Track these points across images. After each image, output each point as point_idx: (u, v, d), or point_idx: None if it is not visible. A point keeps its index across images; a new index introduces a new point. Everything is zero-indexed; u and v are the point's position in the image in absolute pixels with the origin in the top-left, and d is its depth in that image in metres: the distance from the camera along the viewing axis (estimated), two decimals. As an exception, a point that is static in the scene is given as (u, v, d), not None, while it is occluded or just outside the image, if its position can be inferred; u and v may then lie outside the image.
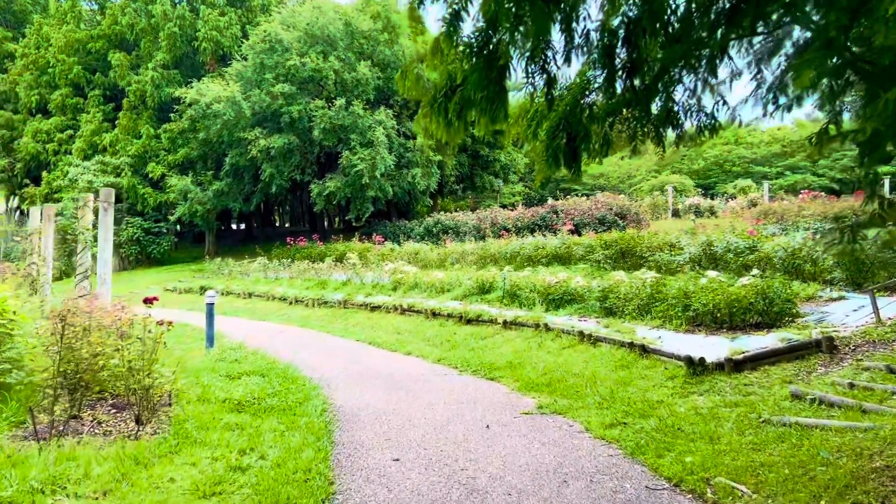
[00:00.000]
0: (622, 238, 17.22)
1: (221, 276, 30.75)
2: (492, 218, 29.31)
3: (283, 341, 15.13)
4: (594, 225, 24.61)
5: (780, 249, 12.77)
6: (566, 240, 19.72)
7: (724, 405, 7.38)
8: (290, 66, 32.60)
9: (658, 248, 16.28)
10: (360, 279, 21.38)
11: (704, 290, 10.30)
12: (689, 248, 15.01)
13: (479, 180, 42.18)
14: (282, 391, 9.04)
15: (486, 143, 40.71)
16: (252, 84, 33.65)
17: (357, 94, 33.33)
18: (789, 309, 9.74)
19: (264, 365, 11.27)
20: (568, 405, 8.15)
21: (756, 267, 13.14)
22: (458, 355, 11.94)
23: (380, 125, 31.97)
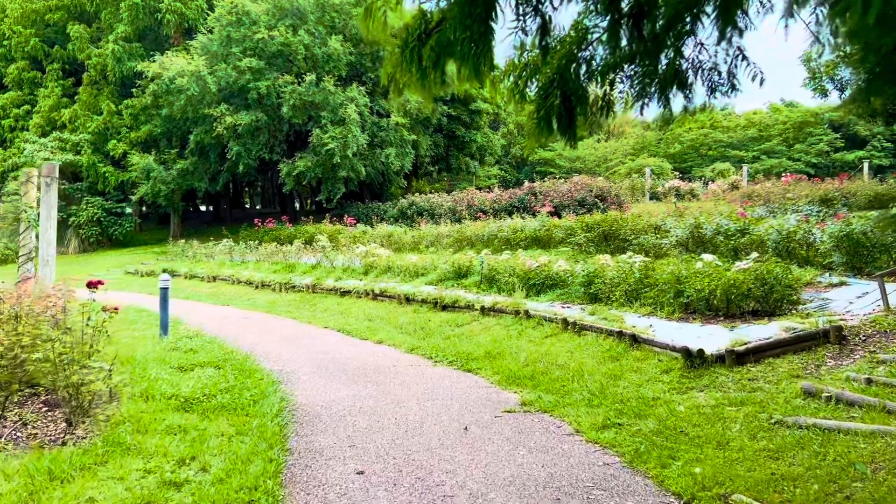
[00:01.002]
0: (604, 220, 16.50)
1: (186, 258, 29.60)
2: (468, 200, 28.44)
3: (245, 328, 14.21)
4: (574, 207, 23.89)
5: (774, 232, 12.12)
6: (546, 222, 18.97)
7: (729, 403, 6.66)
8: (257, 40, 31.32)
9: (642, 231, 15.59)
10: (331, 262, 20.47)
11: (699, 275, 9.58)
12: (676, 230, 14.32)
13: (455, 161, 41.26)
14: (236, 386, 8.16)
15: (462, 123, 39.77)
16: (218, 58, 32.30)
17: (328, 69, 32.16)
18: (790, 296, 9.07)
19: (221, 355, 10.38)
20: (554, 402, 7.39)
21: (747, 251, 12.49)
22: (433, 344, 11.14)
23: (352, 102, 30.88)
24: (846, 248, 10.76)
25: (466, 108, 39.23)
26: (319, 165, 30.86)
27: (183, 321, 14.86)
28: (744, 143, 65.78)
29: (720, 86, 5.47)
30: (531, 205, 25.19)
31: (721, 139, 66.55)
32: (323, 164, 30.75)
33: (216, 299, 20.33)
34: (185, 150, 34.77)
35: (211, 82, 30.95)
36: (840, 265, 10.96)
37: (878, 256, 10.57)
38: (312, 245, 23.59)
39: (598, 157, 63.75)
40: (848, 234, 10.57)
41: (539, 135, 5.29)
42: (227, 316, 16.46)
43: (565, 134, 5.25)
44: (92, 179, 37.74)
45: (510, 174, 62.45)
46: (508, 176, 61.14)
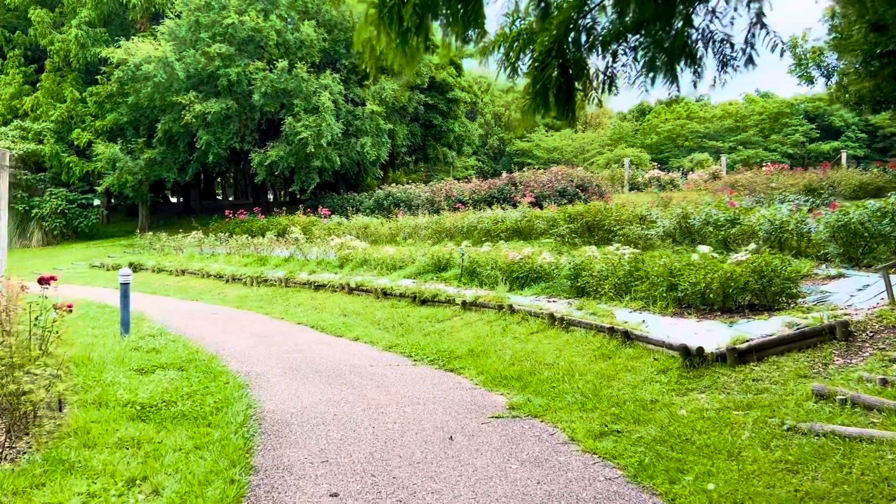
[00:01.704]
0: (588, 211, 16.02)
1: (153, 251, 28.68)
2: (446, 190, 27.84)
3: (213, 325, 13.55)
4: (555, 198, 23.40)
5: (766, 222, 11.70)
6: (527, 213, 18.46)
7: (735, 407, 6.18)
8: (227, 25, 30.38)
9: (627, 222, 15.14)
10: (304, 255, 19.80)
11: (693, 267, 9.11)
12: (663, 221, 13.88)
13: (433, 151, 40.58)
14: (199, 391, 7.53)
15: (439, 112, 39.06)
16: (186, 44, 31.29)
17: (301, 56, 31.31)
18: (789, 289, 8.62)
19: (185, 355, 9.74)
20: (545, 405, 6.87)
21: (738, 241, 12.09)
22: (413, 341, 10.60)
23: (326, 90, 30.10)
24: (843, 238, 10.36)
25: (444, 97, 38.57)
26: (292, 155, 30.06)
27: (147, 318, 14.16)
28: (720, 134, 66.01)
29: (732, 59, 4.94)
30: (511, 195, 24.67)
31: (698, 130, 66.70)
32: (296, 154, 29.96)
33: (184, 294, 19.59)
34: (153, 140, 33.69)
35: (179, 69, 29.97)
36: (836, 256, 10.57)
37: (875, 247, 10.18)
38: (285, 237, 22.88)
39: (575, 147, 63.42)
40: (845, 223, 10.16)
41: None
42: (195, 312, 15.77)
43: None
44: (56, 170, 36.52)
45: (488, 165, 61.96)
46: (486, 167, 60.63)
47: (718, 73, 5.00)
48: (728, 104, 74.62)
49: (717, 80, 5.14)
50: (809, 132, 64.65)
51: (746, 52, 4.66)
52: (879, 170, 21.37)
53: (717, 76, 5.09)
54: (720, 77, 5.15)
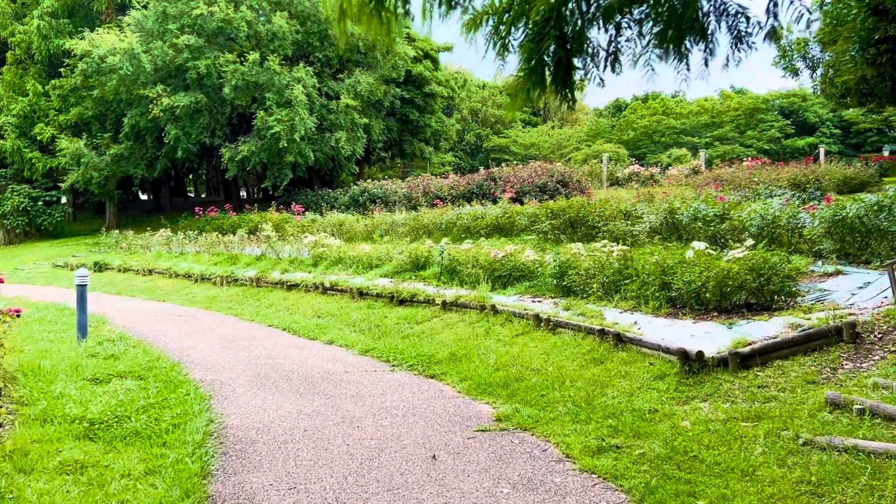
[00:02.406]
0: (570, 206, 15.54)
1: (120, 250, 27.77)
2: (424, 186, 27.23)
3: (179, 328, 12.87)
4: (535, 193, 22.93)
5: (757, 217, 11.28)
6: (508, 209, 17.94)
7: (742, 417, 5.70)
8: (196, 16, 29.46)
9: (611, 218, 14.68)
10: (276, 254, 19.11)
11: (686, 265, 8.64)
12: (649, 216, 13.43)
13: (409, 147, 39.93)
14: (157, 404, 6.90)
15: (416, 107, 38.42)
16: (153, 35, 30.32)
17: (273, 48, 30.49)
18: (788, 287, 8.18)
19: (146, 362, 9.09)
20: (534, 416, 6.35)
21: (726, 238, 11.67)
22: (390, 345, 10.03)
23: (299, 83, 29.32)
24: (839, 233, 9.96)
25: (420, 91, 37.94)
26: (265, 150, 29.28)
27: (108, 321, 13.43)
28: (696, 130, 66.16)
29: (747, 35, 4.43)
30: (490, 191, 24.14)
31: (674, 126, 66.77)
32: (268, 149, 29.18)
33: (151, 294, 18.83)
34: (120, 135, 32.65)
35: (145, 61, 29.01)
36: (831, 252, 10.17)
37: (872, 243, 9.79)
38: (257, 235, 22.16)
39: (552, 143, 63.22)
40: (842, 218, 9.76)
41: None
42: (160, 313, 15.05)
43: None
44: (17, 166, 35.32)
45: (465, 161, 61.51)
46: (463, 163, 60.17)
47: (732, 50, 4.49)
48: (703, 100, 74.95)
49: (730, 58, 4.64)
50: (785, 128, 65.18)
51: (768, 23, 4.16)
52: (862, 164, 21.18)
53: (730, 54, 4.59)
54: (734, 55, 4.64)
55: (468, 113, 63.68)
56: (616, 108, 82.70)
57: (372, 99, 33.81)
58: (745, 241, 11.21)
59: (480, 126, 65.45)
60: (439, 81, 39.45)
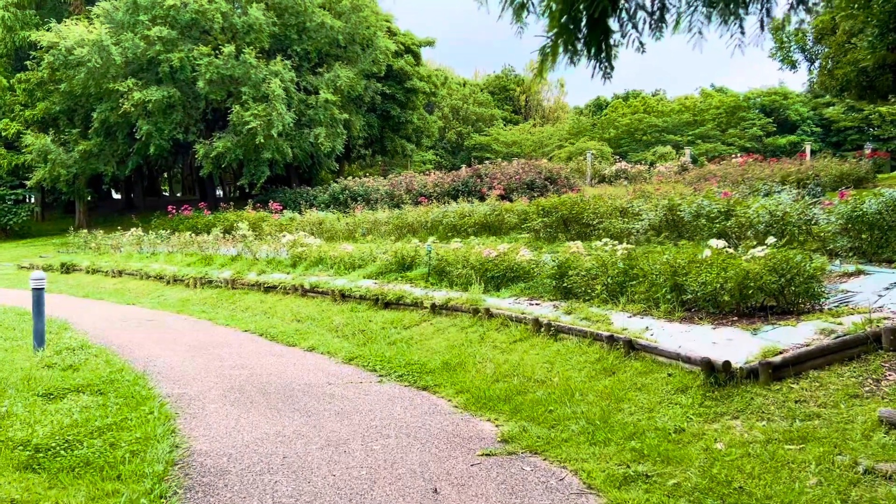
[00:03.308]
0: (563, 203, 14.86)
1: (89, 250, 26.71)
2: (407, 183, 26.43)
3: (148, 333, 12.01)
4: (523, 190, 22.26)
5: (766, 214, 10.67)
6: (497, 206, 17.22)
7: (784, 438, 5.03)
8: (168, 7, 28.46)
9: (607, 215, 14.04)
10: (253, 254, 18.24)
11: (699, 264, 7.96)
12: (648, 213, 12.78)
13: (391, 144, 39.08)
14: (115, 425, 6.09)
15: (397, 102, 37.61)
16: (124, 27, 29.25)
17: (249, 41, 29.56)
18: (812, 289, 7.52)
19: (107, 374, 8.26)
20: (545, 437, 5.64)
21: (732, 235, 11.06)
22: (376, 352, 9.28)
23: (276, 77, 28.41)
24: (856, 230, 9.35)
25: (402, 87, 37.13)
26: (241, 146, 28.34)
27: (71, 327, 12.56)
28: (678, 128, 66.02)
29: None
30: (477, 188, 23.43)
31: (656, 124, 66.59)
32: (244, 145, 28.25)
33: (120, 297, 17.90)
34: (89, 131, 31.53)
35: (116, 53, 27.95)
36: (849, 251, 9.56)
37: (893, 241, 9.19)
38: (233, 234, 21.26)
39: (534, 141, 62.78)
40: (862, 214, 9.16)
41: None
42: (129, 318, 14.16)
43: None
44: (-19, 163, 34.10)
45: (446, 160, 60.85)
46: (444, 161, 59.50)
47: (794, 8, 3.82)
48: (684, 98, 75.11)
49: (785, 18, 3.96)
50: (766, 126, 65.36)
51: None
52: (856, 160, 20.76)
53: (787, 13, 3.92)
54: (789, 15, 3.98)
55: (449, 111, 63.06)
56: (597, 107, 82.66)
57: (352, 94, 32.97)
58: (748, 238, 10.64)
59: (461, 124, 64.85)
60: (421, 77, 38.66)
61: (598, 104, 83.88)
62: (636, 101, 75.58)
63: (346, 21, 31.60)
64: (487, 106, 68.74)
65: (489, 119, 67.74)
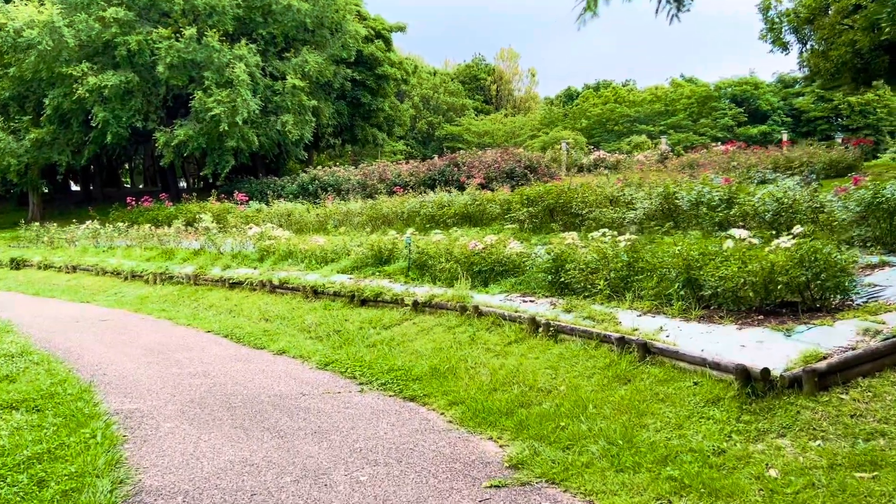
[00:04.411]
0: (549, 192, 14.06)
1: (42, 244, 25.34)
2: (380, 173, 25.42)
3: (100, 336, 10.98)
4: (503, 179, 21.42)
5: (772, 201, 9.98)
6: (477, 196, 16.35)
7: (848, 463, 4.27)
8: (126, -13, 27.10)
9: (596, 204, 13.27)
10: (217, 247, 17.17)
11: (720, 257, 7.18)
12: (643, 202, 12.03)
13: (361, 132, 37.96)
14: (49, 453, 5.15)
15: (368, 89, 36.49)
16: (77, 8, 27.74)
17: (212, 24, 28.25)
18: (843, 283, 6.80)
19: (48, 386, 7.29)
20: (561, 461, 4.82)
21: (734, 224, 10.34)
22: (355, 355, 8.39)
23: (241, 62, 27.20)
24: (877, 219, 8.68)
25: (372, 73, 36.02)
26: (203, 134, 27.10)
27: (15, 329, 11.49)
28: (650, 118, 66.06)
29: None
30: (454, 177, 22.53)
31: (628, 114, 66.60)
32: (208, 133, 27.02)
33: (73, 295, 16.72)
34: (41, 118, 29.97)
35: (69, 35, 26.48)
36: (866, 240, 8.89)
37: (915, 229, 8.54)
38: (195, 227, 20.12)
39: (506, 131, 62.28)
40: (884, 200, 8.48)
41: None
42: (81, 318, 13.07)
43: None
44: (-74, 152, 32.25)
45: (417, 150, 59.94)
46: (415, 151, 58.57)
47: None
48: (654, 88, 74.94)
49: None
50: (738, 116, 65.68)
51: None
52: (844, 147, 20.33)
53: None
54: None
55: (419, 100, 62.11)
56: (567, 97, 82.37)
57: (321, 80, 31.83)
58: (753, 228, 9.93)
59: (432, 114, 63.98)
60: (392, 63, 37.60)
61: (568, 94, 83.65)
62: (607, 92, 75.44)
63: (314, 4, 30.40)
64: (458, 96, 68.02)
65: (460, 109, 67.02)
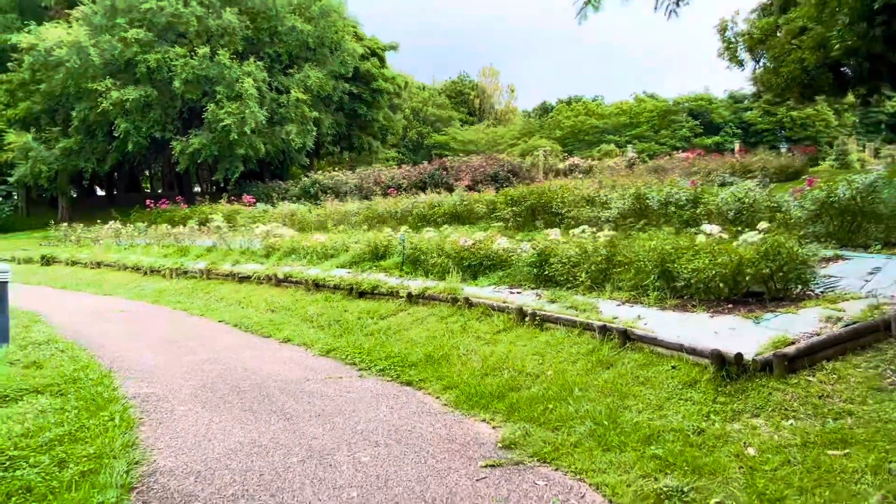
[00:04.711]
0: (532, 193, 13.84)
1: (69, 243, 24.82)
2: (375, 176, 25.11)
3: (121, 325, 10.63)
4: (488, 181, 21.19)
5: (734, 201, 9.79)
6: (465, 196, 16.10)
7: (821, 441, 4.06)
8: (145, 11, 26.58)
9: (574, 204, 13.04)
10: (227, 245, 16.82)
11: (692, 250, 6.98)
12: (617, 202, 11.82)
13: (358, 141, 37.57)
14: (71, 434, 4.86)
15: (364, 102, 36.12)
16: (102, 29, 27.24)
17: (223, 43, 27.83)
18: (803, 275, 6.61)
19: (71, 372, 6.97)
20: (551, 442, 4.59)
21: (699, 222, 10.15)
22: (354, 343, 8.10)
23: (249, 77, 26.79)
24: (830, 216, 8.51)
25: (368, 87, 35.65)
26: (215, 143, 26.68)
27: (42, 319, 11.10)
28: (617, 129, 66.56)
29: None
30: (443, 180, 22.27)
31: (597, 125, 67.11)
32: (219, 142, 26.60)
33: (97, 288, 16.30)
34: (70, 129, 29.43)
35: (94, 54, 25.96)
36: (819, 236, 8.72)
37: (865, 226, 8.37)
38: (207, 226, 19.73)
39: (488, 140, 62.29)
40: (836, 200, 8.30)
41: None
42: (104, 309, 12.69)
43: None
44: (-35, 161, 31.61)
45: (407, 157, 59.69)
46: (406, 158, 58.29)
47: None
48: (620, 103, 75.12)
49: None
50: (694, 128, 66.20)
51: None
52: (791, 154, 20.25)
53: None
54: None
55: (410, 112, 61.88)
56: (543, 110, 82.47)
57: (321, 93, 31.45)
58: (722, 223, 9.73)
59: (422, 125, 63.82)
60: (386, 78, 37.24)
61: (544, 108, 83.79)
62: (578, 106, 75.83)
63: (316, 25, 30.02)
64: (445, 108, 67.92)
65: (447, 120, 66.93)
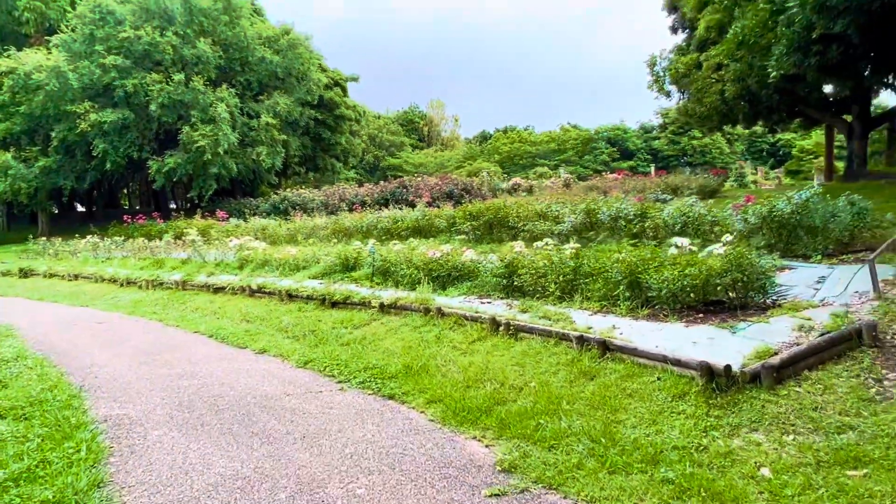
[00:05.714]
0: (489, 208, 13.17)
1: (48, 256, 22.80)
2: (340, 194, 24.06)
3: (95, 338, 9.38)
4: (444, 199, 20.48)
5: (680, 215, 9.33)
6: (426, 212, 15.30)
7: (835, 460, 3.45)
8: (123, 39, 24.87)
9: (528, 219, 12.43)
10: (202, 257, 15.55)
11: (661, 262, 6.39)
12: (570, 216, 11.25)
13: (322, 162, 36.34)
14: (28, 473, 3.83)
15: (328, 127, 34.98)
16: (80, 56, 25.35)
17: (198, 70, 26.32)
18: (764, 285, 6.09)
19: (38, 392, 5.87)
20: (551, 463, 3.85)
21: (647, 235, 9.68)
22: (331, 354, 7.18)
23: (222, 102, 25.38)
24: (771, 229, 8.10)
25: (332, 114, 34.54)
26: (190, 162, 25.12)
27: (15, 333, 9.77)
28: (547, 154, 67.67)
29: None
30: (404, 196, 21.45)
31: (530, 151, 68.28)
32: (194, 161, 25.06)
33: (74, 300, 14.74)
34: (49, 148, 27.30)
35: (73, 78, 24.09)
36: (760, 248, 8.30)
37: (803, 238, 7.99)
38: (183, 240, 18.33)
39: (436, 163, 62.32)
40: (778, 214, 7.90)
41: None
42: (80, 320, 11.34)
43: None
44: (-55, 178, 28.93)
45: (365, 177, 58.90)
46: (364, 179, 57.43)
47: None
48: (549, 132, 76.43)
49: None
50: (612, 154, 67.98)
51: None
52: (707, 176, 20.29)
53: None
54: None
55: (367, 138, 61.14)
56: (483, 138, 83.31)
57: (289, 118, 30.20)
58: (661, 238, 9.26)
59: (377, 149, 63.17)
60: (348, 106, 36.18)
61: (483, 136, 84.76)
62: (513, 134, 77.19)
63: (284, 56, 28.81)
64: (398, 135, 67.60)
65: (400, 145, 66.61)
